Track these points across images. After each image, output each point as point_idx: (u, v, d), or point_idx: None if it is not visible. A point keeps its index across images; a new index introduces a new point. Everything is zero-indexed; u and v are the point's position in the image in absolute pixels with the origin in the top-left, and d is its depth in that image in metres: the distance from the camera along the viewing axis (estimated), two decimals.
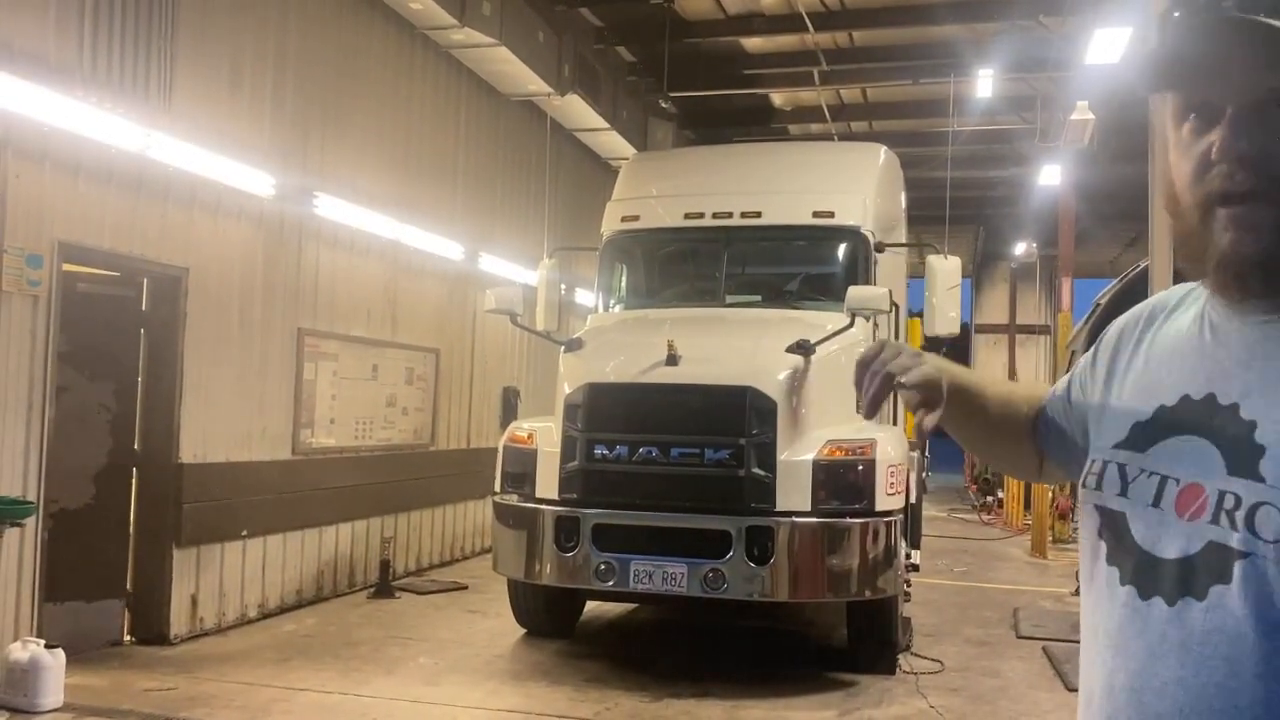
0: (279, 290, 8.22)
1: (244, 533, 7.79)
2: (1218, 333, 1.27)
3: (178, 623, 7.22)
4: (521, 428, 7.32)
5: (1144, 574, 1.21)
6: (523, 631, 7.79)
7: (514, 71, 11.00)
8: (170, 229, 7.08)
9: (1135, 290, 8.71)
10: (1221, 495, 1.15)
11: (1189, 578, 1.16)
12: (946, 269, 7.77)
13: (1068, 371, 1.58)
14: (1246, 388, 1.19)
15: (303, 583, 8.58)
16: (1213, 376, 1.23)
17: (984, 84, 13.86)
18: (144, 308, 7.30)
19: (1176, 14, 1.21)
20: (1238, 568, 1.11)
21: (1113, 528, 1.28)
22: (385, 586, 9.13)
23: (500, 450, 7.31)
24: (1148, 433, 1.28)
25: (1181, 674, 1.14)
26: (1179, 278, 1.43)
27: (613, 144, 13.93)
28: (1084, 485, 1.36)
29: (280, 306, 8.24)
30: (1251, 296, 1.21)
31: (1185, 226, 1.24)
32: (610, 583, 6.54)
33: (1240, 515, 1.13)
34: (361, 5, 9.25)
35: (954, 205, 12.29)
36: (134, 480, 7.24)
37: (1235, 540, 1.12)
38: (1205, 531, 1.16)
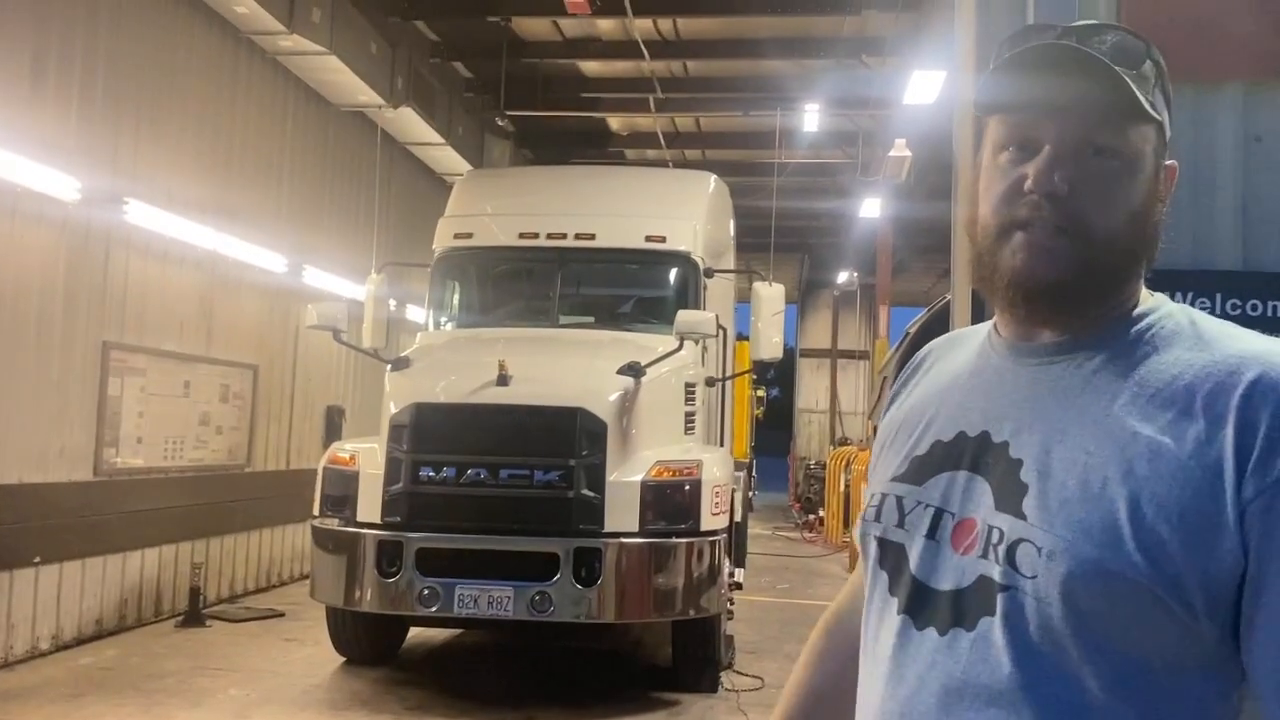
0: (82, 301, 7.70)
1: (37, 559, 7.24)
2: (993, 372, 1.31)
3: None
4: (343, 448, 7.10)
5: (919, 604, 1.24)
6: (342, 660, 7.53)
7: (344, 81, 10.74)
8: None
9: (940, 320, 9.21)
10: (989, 530, 1.19)
11: (961, 609, 1.19)
12: (771, 295, 8.00)
13: (879, 397, 1.63)
14: (1017, 427, 1.23)
15: (103, 612, 8.03)
16: (987, 414, 1.27)
17: (810, 118, 14.46)
18: None
19: (1014, 40, 1.25)
20: (1000, 600, 1.15)
21: (891, 559, 1.30)
22: (195, 614, 8.66)
23: (320, 472, 7.06)
24: (925, 466, 1.31)
25: (946, 701, 1.17)
26: (978, 308, 1.48)
27: (448, 160, 13.77)
28: (863, 518, 1.37)
29: (84, 318, 7.72)
30: (1036, 320, 1.26)
31: (981, 246, 1.27)
32: (434, 608, 6.38)
33: (1002, 550, 1.17)
34: (181, 4, 8.82)
35: (780, 234, 12.70)
36: None
37: (997, 574, 1.16)
38: (977, 565, 1.19)
